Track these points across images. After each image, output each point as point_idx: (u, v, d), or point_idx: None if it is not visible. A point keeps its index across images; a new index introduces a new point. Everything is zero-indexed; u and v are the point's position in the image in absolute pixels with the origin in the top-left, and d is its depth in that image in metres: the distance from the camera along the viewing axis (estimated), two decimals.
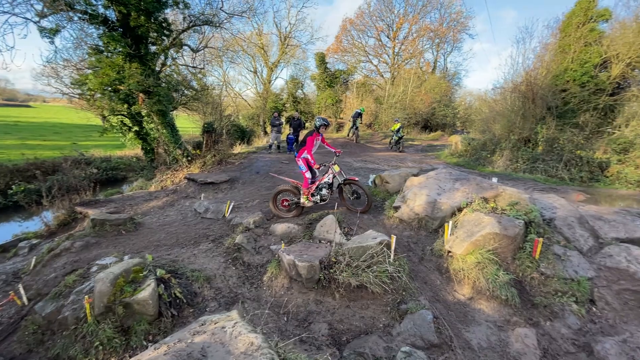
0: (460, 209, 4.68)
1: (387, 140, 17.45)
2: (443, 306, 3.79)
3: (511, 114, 12.60)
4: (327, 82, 25.86)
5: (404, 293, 3.87)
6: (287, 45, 24.47)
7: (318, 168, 5.53)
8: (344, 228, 5.15)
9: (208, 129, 10.71)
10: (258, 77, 25.51)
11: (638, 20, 12.33)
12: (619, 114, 12.22)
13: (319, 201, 5.65)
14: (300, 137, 13.60)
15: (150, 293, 3.62)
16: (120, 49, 9.51)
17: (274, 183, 8.16)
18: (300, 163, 5.58)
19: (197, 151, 10.95)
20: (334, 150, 5.80)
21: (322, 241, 4.91)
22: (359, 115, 17.26)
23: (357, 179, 5.64)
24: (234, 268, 4.76)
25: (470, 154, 13.32)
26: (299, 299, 4.13)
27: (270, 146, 12.97)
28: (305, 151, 5.50)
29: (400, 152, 14.87)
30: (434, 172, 5.79)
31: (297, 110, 24.00)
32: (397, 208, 5.36)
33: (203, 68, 13.61)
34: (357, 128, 17.19)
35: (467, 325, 3.52)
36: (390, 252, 4.11)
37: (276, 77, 26.04)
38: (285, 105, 26.57)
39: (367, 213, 5.65)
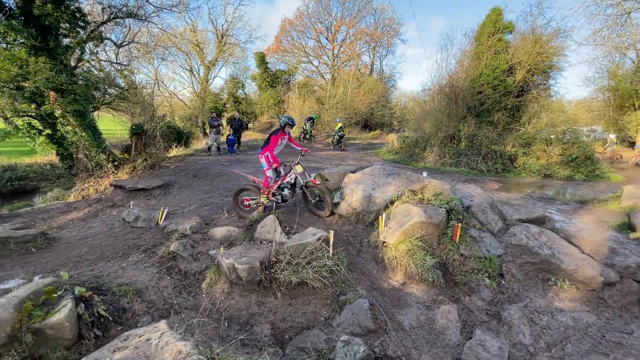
0: (392, 202, 5.01)
1: (330, 140, 17.89)
2: (379, 293, 4.03)
3: (438, 113, 13.82)
4: (269, 82, 25.61)
5: (343, 285, 4.02)
6: (225, 43, 23.65)
7: (277, 167, 5.32)
8: (285, 227, 5.16)
9: (137, 131, 9.87)
10: (194, 76, 24.22)
11: (534, 33, 14.43)
12: (524, 113, 14.17)
13: (279, 201, 5.45)
14: (242, 137, 13.24)
15: (66, 315, 3.22)
16: (23, 40, 8.28)
17: (213, 186, 7.85)
18: (263, 161, 5.39)
19: (126, 155, 10.03)
20: (300, 149, 5.61)
21: (263, 242, 4.87)
22: (310, 120, 17.78)
23: (318, 182, 5.34)
24: (169, 278, 4.48)
25: (405, 151, 14.30)
26: (240, 302, 4.05)
27: (209, 148, 12.43)
28: (268, 150, 5.33)
29: (342, 150, 15.36)
30: (369, 168, 6.11)
31: (238, 111, 23.34)
32: (336, 204, 5.54)
33: (129, 65, 12.49)
34: (305, 130, 17.60)
35: (400, 309, 3.80)
36: (329, 247, 4.24)
37: (214, 76, 25.02)
38: (226, 105, 25.67)
39: (329, 217, 5.42)
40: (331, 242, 4.25)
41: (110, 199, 7.94)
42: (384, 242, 4.58)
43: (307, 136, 17.74)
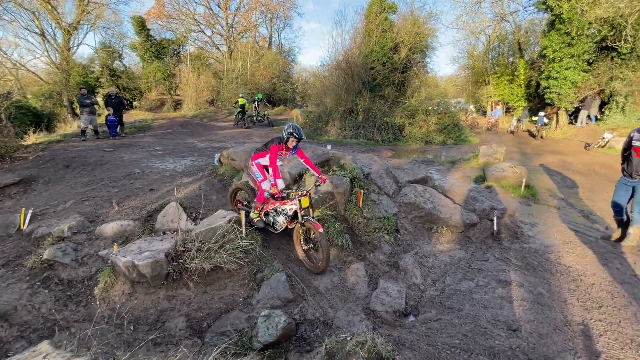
0: (301, 175, 5.15)
1: (233, 118, 17.02)
2: (295, 264, 4.19)
3: (337, 88, 14.47)
4: (153, 52, 22.37)
5: (259, 263, 4.04)
6: (88, 2, 19.32)
7: (277, 193, 3.98)
8: (191, 213, 4.82)
9: None
10: (49, 42, 19.30)
11: (413, 15, 16.08)
12: (408, 88, 15.97)
13: (270, 225, 4.35)
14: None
15: None
16: None
17: (95, 177, 6.66)
18: (255, 169, 4.29)
19: None
20: (317, 175, 4.18)
21: (167, 232, 4.46)
22: (253, 102, 16.42)
23: (321, 228, 3.81)
24: (46, 291, 3.72)
25: (309, 126, 14.67)
26: (147, 301, 3.68)
27: (83, 132, 10.34)
28: (264, 157, 4.20)
29: (247, 128, 14.83)
30: None
31: (117, 86, 19.90)
32: None
33: None
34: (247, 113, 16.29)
35: (315, 275, 4.04)
36: (242, 227, 4.15)
37: (79, 44, 20.14)
38: (100, 80, 21.49)
39: (323, 274, 4.05)
40: (243, 223, 4.16)
41: None
42: None
43: (255, 119, 16.23)
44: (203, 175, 6.50)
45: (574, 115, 15.16)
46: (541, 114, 14.13)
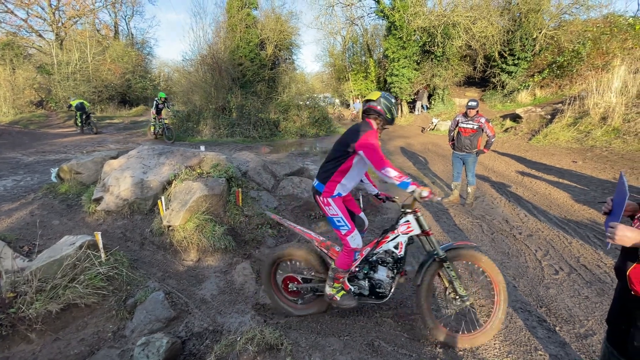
0: (170, 182, 4.70)
1: (74, 122, 13.93)
2: (175, 280, 3.85)
3: (206, 85, 13.66)
4: None
5: (129, 287, 3.52)
6: None
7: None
8: (22, 247, 3.78)
9: None
10: None
11: (275, 12, 16.52)
12: (279, 84, 16.44)
13: (365, 293, 2.70)
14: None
15: None
16: None
17: None
18: (335, 210, 2.50)
19: None
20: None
21: None
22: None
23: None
24: None
25: (178, 126, 13.41)
26: None
27: None
28: (348, 173, 2.49)
29: (96, 133, 12.41)
30: (135, 150, 5.34)
31: None
32: (99, 200, 4.57)
33: None
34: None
35: (200, 284, 3.82)
36: (100, 251, 3.52)
37: None
38: None
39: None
40: (100, 246, 3.53)
41: None
42: (170, 226, 4.30)
43: (157, 129, 11.69)
44: (36, 197, 5.15)
45: (412, 105, 18.71)
46: None
